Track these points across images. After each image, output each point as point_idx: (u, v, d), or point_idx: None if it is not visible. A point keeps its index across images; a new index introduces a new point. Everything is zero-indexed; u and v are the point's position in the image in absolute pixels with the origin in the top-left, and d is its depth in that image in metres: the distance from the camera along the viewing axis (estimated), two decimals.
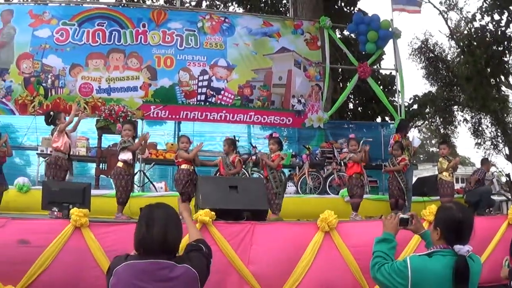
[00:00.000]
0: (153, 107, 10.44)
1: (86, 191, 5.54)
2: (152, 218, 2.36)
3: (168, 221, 2.38)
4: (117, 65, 10.51)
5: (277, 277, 4.64)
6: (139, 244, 2.34)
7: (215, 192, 5.36)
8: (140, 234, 2.34)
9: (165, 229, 2.33)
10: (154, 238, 2.30)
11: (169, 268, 2.29)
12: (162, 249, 2.31)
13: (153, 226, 2.32)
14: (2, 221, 4.82)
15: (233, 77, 10.84)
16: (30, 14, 10.61)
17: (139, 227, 2.38)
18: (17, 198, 7.66)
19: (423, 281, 2.38)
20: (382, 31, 11.40)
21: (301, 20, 11.62)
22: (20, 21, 10.55)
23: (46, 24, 10.54)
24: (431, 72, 20.14)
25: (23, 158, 10.90)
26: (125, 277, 2.27)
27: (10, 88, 10.33)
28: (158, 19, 10.78)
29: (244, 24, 11.11)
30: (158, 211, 2.41)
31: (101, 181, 9.21)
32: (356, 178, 7.22)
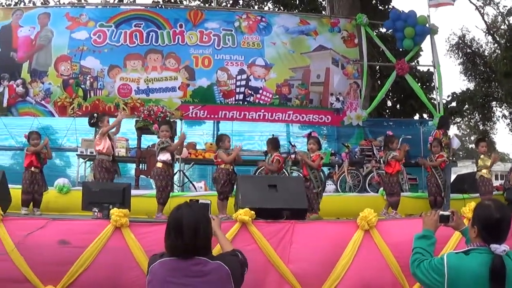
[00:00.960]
0: (192, 107, 10.76)
1: (126, 191, 5.67)
2: (181, 223, 2.46)
3: (198, 223, 2.48)
4: (155, 65, 10.86)
5: (317, 276, 4.70)
6: (171, 250, 2.47)
7: (254, 191, 5.47)
8: (171, 241, 2.47)
9: (194, 232, 2.44)
10: (184, 243, 2.42)
11: (202, 264, 2.42)
12: (193, 250, 2.44)
13: (183, 232, 2.43)
14: (42, 222, 4.98)
15: (271, 76, 11.10)
16: (67, 17, 11.02)
17: (169, 233, 2.49)
18: (57, 199, 7.90)
19: (459, 279, 2.45)
20: (419, 27, 11.69)
21: (338, 18, 11.85)
22: (57, 24, 10.98)
23: (83, 26, 10.94)
24: (468, 68, 20.37)
25: (63, 159, 11.34)
26: (159, 274, 2.41)
27: (49, 90, 10.75)
28: (195, 19, 11.11)
29: (281, 23, 11.37)
30: (187, 214, 2.50)
31: (140, 181, 9.52)
32: (396, 176, 7.39)
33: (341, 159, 10.29)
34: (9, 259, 4.75)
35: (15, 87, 10.83)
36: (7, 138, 11.17)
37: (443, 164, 8.02)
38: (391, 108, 15.45)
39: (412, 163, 10.38)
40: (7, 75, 10.90)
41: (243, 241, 4.74)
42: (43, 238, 4.81)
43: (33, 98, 10.81)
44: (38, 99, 10.80)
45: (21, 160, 10.30)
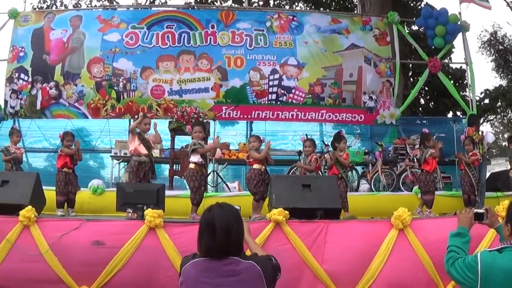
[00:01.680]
0: (225, 108, 10.98)
1: (160, 192, 5.76)
2: (214, 223, 2.54)
3: (230, 223, 2.56)
4: (188, 66, 11.12)
5: (351, 275, 4.77)
6: (204, 251, 2.56)
7: (288, 191, 5.55)
8: (204, 241, 2.55)
9: (226, 232, 2.52)
10: (217, 243, 2.50)
11: (234, 264, 2.50)
12: (226, 250, 2.52)
13: (216, 232, 2.51)
14: (77, 223, 5.14)
15: (304, 75, 11.30)
16: (99, 19, 11.34)
17: (202, 233, 2.58)
18: (91, 200, 8.18)
19: (492, 276, 2.48)
20: (450, 25, 11.83)
21: (369, 16, 12.04)
22: (89, 26, 11.29)
23: (115, 28, 11.25)
24: (501, 65, 20.56)
25: (97, 160, 11.70)
26: (192, 274, 2.49)
27: (82, 93, 11.05)
28: (227, 19, 11.39)
29: (312, 22, 11.57)
30: (219, 215, 2.58)
31: (174, 182, 9.66)
32: (433, 174, 7.53)
33: (375, 158, 10.48)
34: (44, 260, 4.91)
35: (48, 89, 11.21)
36: (41, 140, 11.57)
37: (476, 162, 8.15)
38: (424, 106, 15.62)
39: (445, 161, 10.60)
40: (40, 77, 11.28)
41: (277, 241, 4.87)
42: (77, 239, 4.97)
43: (67, 100, 11.15)
44: (72, 101, 11.13)
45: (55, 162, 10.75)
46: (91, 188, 8.43)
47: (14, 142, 8.12)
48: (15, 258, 5.04)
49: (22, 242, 5.06)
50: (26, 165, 10.70)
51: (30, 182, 5.82)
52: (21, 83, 11.32)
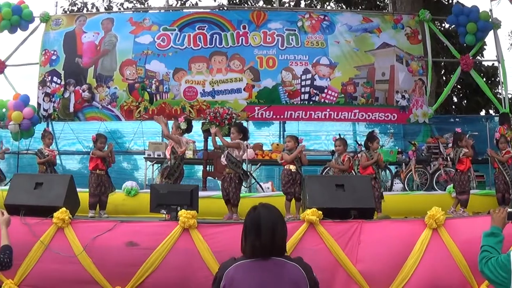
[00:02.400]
0: (258, 108, 11.20)
1: (193, 193, 5.84)
2: (259, 223, 2.60)
3: (275, 223, 2.62)
4: (220, 67, 11.39)
5: (385, 275, 4.81)
6: (250, 251, 2.58)
7: (321, 191, 5.62)
8: (250, 241, 2.59)
9: (273, 232, 2.57)
10: (263, 244, 2.55)
11: (279, 264, 2.56)
12: (271, 250, 2.57)
13: (261, 232, 2.56)
14: (110, 224, 5.25)
15: (336, 74, 11.49)
16: (131, 22, 11.64)
17: (248, 234, 2.62)
18: (125, 202, 8.35)
19: None
20: (481, 22, 11.88)
21: (401, 14, 12.17)
22: (121, 29, 11.62)
23: (147, 30, 11.55)
24: None
25: (131, 162, 11.96)
26: (237, 277, 2.51)
27: (115, 95, 11.37)
28: (258, 20, 11.62)
29: (343, 21, 11.77)
30: (264, 215, 2.64)
31: (208, 182, 9.98)
32: (467, 173, 7.62)
33: (408, 157, 10.66)
34: (78, 262, 5.04)
35: (81, 92, 11.57)
36: (74, 143, 11.94)
37: (510, 160, 8.21)
38: (457, 105, 15.76)
39: (479, 159, 10.73)
40: (72, 80, 11.67)
41: (311, 241, 4.92)
42: (111, 240, 5.08)
43: (100, 102, 11.51)
44: (105, 104, 11.48)
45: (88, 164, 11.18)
46: (125, 190, 8.62)
47: (47, 145, 8.38)
48: (49, 259, 5.17)
49: (56, 243, 5.20)
50: (60, 167, 11.06)
51: (64, 184, 5.94)
52: (54, 86, 11.72)
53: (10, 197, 5.88)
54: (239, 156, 6.93)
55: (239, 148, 6.93)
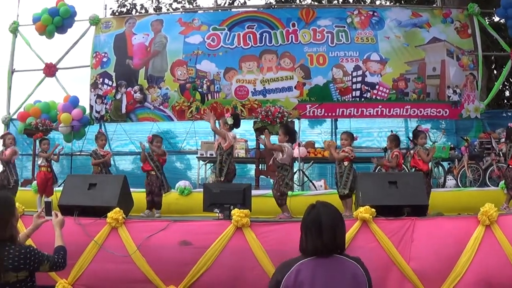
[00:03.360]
0: (309, 106, 11.17)
1: (246, 191, 5.92)
2: (320, 222, 2.59)
3: (335, 221, 2.63)
4: (270, 66, 11.45)
5: (438, 273, 4.78)
6: (313, 250, 2.57)
7: (374, 188, 5.60)
8: (311, 240, 2.58)
9: (334, 230, 2.58)
10: (325, 243, 2.55)
11: (341, 262, 2.57)
12: (333, 248, 2.58)
13: (322, 231, 2.56)
14: (164, 223, 5.32)
15: (387, 70, 11.45)
16: (180, 22, 11.81)
17: (308, 232, 2.61)
18: (179, 201, 8.47)
19: None
20: None
21: (449, 8, 12.09)
22: (170, 29, 11.79)
23: (196, 30, 11.71)
24: None
25: (184, 162, 12.11)
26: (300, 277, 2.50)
27: (167, 95, 11.54)
28: (307, 17, 11.66)
29: (393, 17, 11.73)
30: (324, 213, 2.64)
31: (261, 181, 10.04)
32: None
33: (461, 153, 10.64)
34: (132, 261, 5.12)
35: (132, 93, 11.76)
36: (127, 144, 12.14)
37: None
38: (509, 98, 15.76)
39: None
40: (124, 82, 11.86)
41: (364, 239, 4.93)
42: (164, 239, 5.15)
43: (151, 103, 11.68)
44: (156, 104, 11.65)
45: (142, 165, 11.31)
46: (178, 189, 8.75)
47: (101, 146, 8.49)
48: (103, 259, 5.27)
49: (110, 243, 5.30)
50: (113, 168, 11.25)
51: (117, 185, 6.04)
52: (105, 88, 11.93)
53: (64, 198, 5.98)
54: (283, 159, 6.90)
55: (282, 151, 6.91)
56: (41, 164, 8.79)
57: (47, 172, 8.72)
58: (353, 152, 7.12)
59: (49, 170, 8.81)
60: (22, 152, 12.17)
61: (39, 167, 8.85)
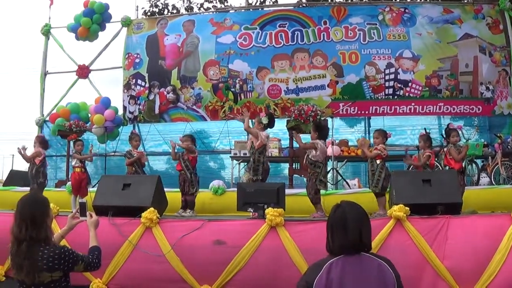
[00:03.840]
0: (342, 104, 11.14)
1: (280, 191, 5.97)
2: (346, 221, 2.65)
3: (361, 220, 2.69)
4: (303, 64, 11.47)
5: (472, 272, 4.78)
6: (339, 250, 2.63)
7: (408, 186, 5.63)
8: (338, 239, 2.64)
9: (360, 229, 2.63)
10: (351, 241, 2.60)
11: (369, 260, 2.61)
12: (360, 246, 2.63)
13: (349, 230, 2.62)
14: (198, 223, 5.39)
15: (420, 68, 11.40)
16: (212, 22, 11.90)
17: (335, 231, 2.67)
18: (213, 201, 8.51)
19: None
20: None
21: (480, 4, 11.96)
22: (202, 30, 11.88)
23: (228, 30, 11.78)
24: None
25: (217, 161, 12.19)
26: (331, 277, 2.53)
27: (200, 95, 11.64)
28: (339, 15, 11.67)
29: (424, 13, 11.70)
30: (350, 212, 2.69)
31: (294, 180, 10.06)
32: None
33: (494, 150, 10.63)
34: (166, 261, 5.19)
35: (165, 94, 11.88)
36: (161, 144, 12.26)
37: None
38: None
39: None
40: (157, 82, 11.98)
41: (398, 237, 4.95)
42: (198, 239, 5.21)
43: (184, 103, 11.79)
44: (189, 104, 11.74)
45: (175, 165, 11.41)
46: (212, 189, 8.79)
47: (135, 146, 8.60)
48: (137, 259, 5.35)
49: (144, 243, 5.38)
50: (147, 168, 11.35)
51: (151, 185, 6.13)
52: (138, 89, 12.04)
53: (98, 198, 6.08)
54: (316, 156, 6.95)
55: (315, 149, 6.97)
56: (75, 165, 8.94)
57: (81, 173, 8.86)
58: (385, 150, 7.12)
59: (83, 170, 8.95)
60: (56, 153, 12.41)
61: (73, 168, 9.01)
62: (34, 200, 3.25)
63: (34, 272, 3.01)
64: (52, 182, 11.98)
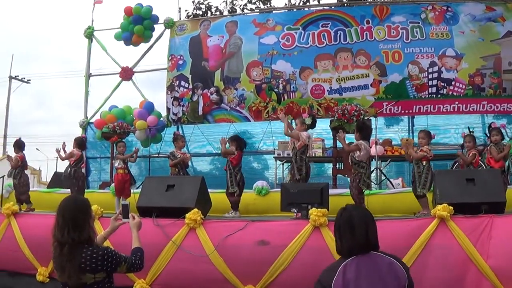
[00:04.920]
0: (385, 104, 11.19)
1: (324, 191, 5.99)
2: (353, 223, 2.72)
3: (367, 221, 2.75)
4: (346, 64, 11.51)
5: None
6: (348, 251, 2.69)
7: (452, 186, 5.64)
8: (346, 241, 2.71)
9: (366, 229, 2.70)
10: (359, 241, 2.67)
11: (379, 258, 2.66)
12: (367, 247, 2.68)
13: (355, 231, 2.69)
14: (242, 223, 5.47)
15: (463, 66, 11.37)
16: (254, 23, 12.01)
17: (343, 234, 2.74)
18: (256, 201, 8.58)
19: None
20: None
21: None
22: (245, 31, 11.99)
23: (270, 31, 11.85)
24: None
25: (261, 162, 12.28)
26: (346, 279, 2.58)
27: (243, 96, 11.76)
28: (381, 14, 11.67)
29: (467, 11, 11.66)
30: (356, 215, 2.76)
31: (338, 180, 10.14)
32: None
33: None
34: (209, 261, 5.27)
35: (209, 95, 12.02)
36: (205, 145, 12.41)
37: None
38: None
39: None
40: (200, 84, 12.13)
41: (442, 237, 4.96)
42: (242, 239, 5.27)
43: (228, 104, 11.92)
44: (233, 105, 11.88)
45: (220, 165, 11.58)
46: (255, 189, 8.88)
47: (179, 147, 8.71)
48: (181, 259, 5.44)
49: (188, 243, 5.47)
50: (191, 169, 11.52)
51: (195, 186, 6.21)
52: (182, 90, 12.20)
53: (142, 199, 6.19)
54: (360, 156, 6.99)
55: (359, 150, 7.01)
56: (118, 166, 9.02)
57: (124, 174, 8.96)
58: (431, 151, 7.13)
59: (126, 172, 9.04)
60: (100, 155, 12.60)
61: (116, 169, 9.09)
62: (75, 202, 3.25)
63: (76, 274, 3.01)
64: (96, 183, 12.23)
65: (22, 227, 6.84)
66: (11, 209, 7.11)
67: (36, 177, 19.37)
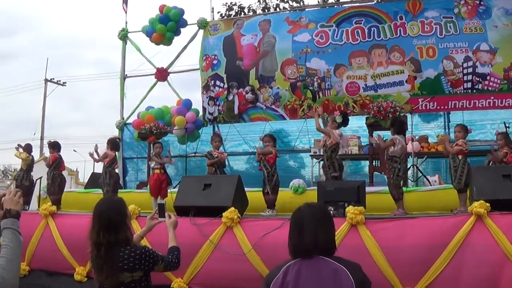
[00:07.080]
0: (421, 100, 11.27)
1: (360, 188, 6.04)
2: (302, 223, 2.59)
3: (318, 222, 2.58)
4: (380, 61, 11.57)
5: None
6: (293, 252, 2.59)
7: (488, 182, 5.62)
8: (292, 241, 2.60)
9: (315, 232, 2.53)
10: (304, 243, 2.53)
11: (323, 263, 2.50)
12: (312, 250, 2.52)
13: (304, 232, 2.55)
14: (278, 222, 5.54)
15: (497, 60, 11.34)
16: (287, 21, 12.08)
17: (291, 233, 2.62)
18: (293, 200, 8.51)
19: None
20: None
21: None
22: (278, 29, 12.08)
23: (304, 29, 11.94)
24: None
25: (297, 160, 12.39)
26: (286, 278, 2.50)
27: (278, 95, 11.89)
28: (414, 9, 11.72)
29: (500, 5, 11.59)
30: (306, 214, 2.62)
31: (375, 177, 10.19)
32: None
33: None
34: (247, 260, 5.35)
35: (244, 94, 12.19)
36: (241, 144, 12.60)
37: None
38: None
39: None
40: (235, 83, 12.30)
41: (478, 235, 4.97)
42: (280, 238, 5.01)
43: (263, 103, 12.07)
44: (268, 104, 12.02)
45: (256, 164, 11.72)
46: (292, 188, 8.96)
47: (216, 147, 8.82)
48: (218, 258, 5.54)
49: (225, 242, 5.56)
50: (228, 168, 11.64)
51: (232, 185, 6.29)
52: (217, 90, 12.36)
53: (179, 199, 6.31)
54: (394, 152, 7.05)
55: (394, 144, 7.08)
56: (154, 166, 9.14)
57: (160, 174, 9.05)
58: (466, 145, 7.15)
59: (163, 172, 9.14)
60: (137, 155, 12.81)
61: (152, 169, 9.19)
62: (109, 203, 3.29)
63: (113, 274, 3.05)
64: (133, 183, 12.44)
65: (60, 227, 7.05)
66: (48, 210, 7.32)
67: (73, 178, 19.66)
